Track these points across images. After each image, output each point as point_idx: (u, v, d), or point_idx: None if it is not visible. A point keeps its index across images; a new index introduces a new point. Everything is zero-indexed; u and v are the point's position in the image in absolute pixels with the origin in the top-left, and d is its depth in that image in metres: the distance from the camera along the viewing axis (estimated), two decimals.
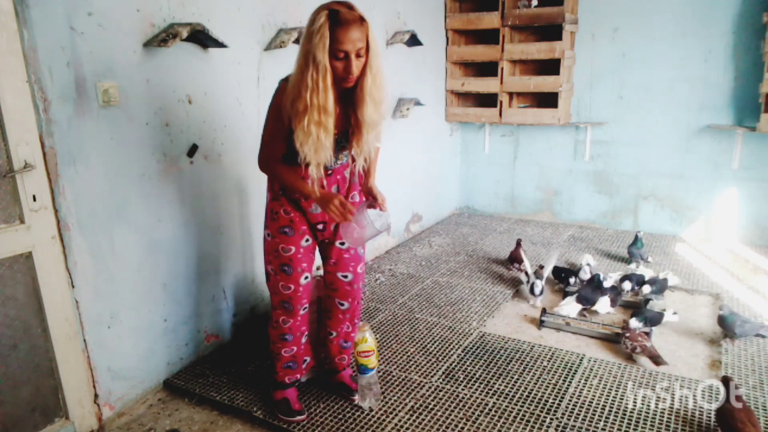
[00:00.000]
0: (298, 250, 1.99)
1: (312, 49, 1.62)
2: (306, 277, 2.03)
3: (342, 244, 2.08)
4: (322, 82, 1.64)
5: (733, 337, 2.56)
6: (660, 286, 3.06)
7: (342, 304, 2.16)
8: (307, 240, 2.01)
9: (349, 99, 1.81)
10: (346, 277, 2.13)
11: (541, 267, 3.19)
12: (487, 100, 4.49)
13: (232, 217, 2.70)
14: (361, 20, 1.66)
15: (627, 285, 3.04)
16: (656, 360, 2.39)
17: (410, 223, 4.39)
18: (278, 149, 1.85)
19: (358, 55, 1.67)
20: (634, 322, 2.61)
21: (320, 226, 2.02)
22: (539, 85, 4.15)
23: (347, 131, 1.88)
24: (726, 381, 1.93)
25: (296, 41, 2.86)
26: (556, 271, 3.32)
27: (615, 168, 4.34)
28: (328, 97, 1.68)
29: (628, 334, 2.50)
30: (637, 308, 2.88)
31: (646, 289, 3.02)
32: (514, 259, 3.44)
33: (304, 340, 2.16)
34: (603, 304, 2.90)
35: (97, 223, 2.10)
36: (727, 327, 2.56)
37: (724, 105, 3.84)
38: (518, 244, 3.48)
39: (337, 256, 2.09)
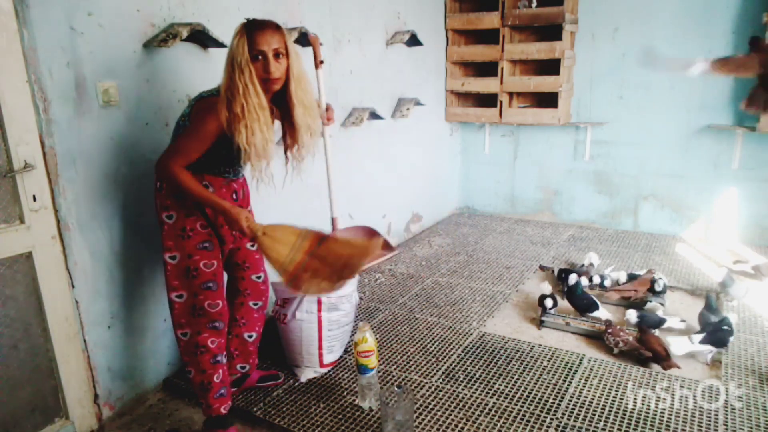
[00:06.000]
0: (219, 264, 1.97)
1: (234, 54, 1.74)
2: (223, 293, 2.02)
3: (252, 246, 2.10)
4: (250, 83, 1.73)
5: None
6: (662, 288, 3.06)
7: (256, 304, 2.18)
8: (222, 253, 2.01)
9: (281, 110, 1.91)
10: (259, 278, 2.16)
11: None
12: (487, 100, 4.49)
13: None
14: (276, 26, 1.79)
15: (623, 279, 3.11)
16: (641, 353, 2.42)
17: (410, 223, 4.39)
18: (193, 157, 1.82)
19: (276, 57, 1.77)
20: (630, 314, 2.64)
21: (234, 231, 1.99)
22: (539, 85, 4.15)
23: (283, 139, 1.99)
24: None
25: (296, 41, 2.87)
26: (559, 272, 3.31)
27: (615, 168, 4.34)
28: (260, 94, 1.75)
29: (610, 330, 2.52)
30: (635, 308, 2.88)
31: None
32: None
33: (225, 360, 2.06)
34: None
35: (97, 223, 2.10)
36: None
37: (724, 105, 3.84)
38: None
39: (251, 259, 2.11)
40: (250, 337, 2.23)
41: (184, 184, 1.80)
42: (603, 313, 2.79)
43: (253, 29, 1.74)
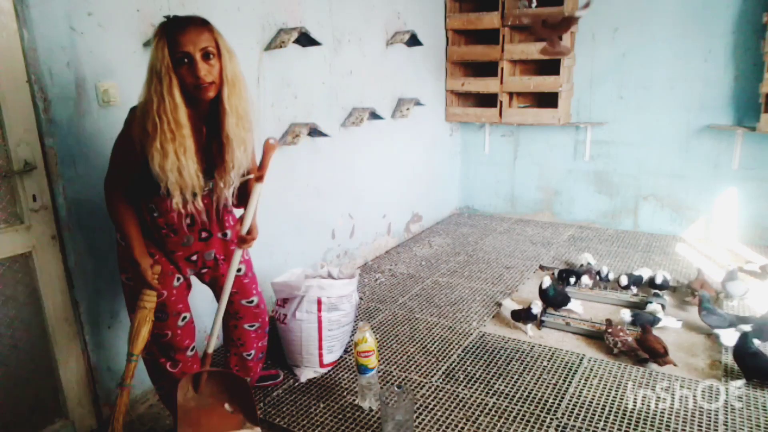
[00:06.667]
0: (170, 292, 1.81)
1: (153, 61, 1.49)
2: (184, 318, 1.88)
3: (238, 270, 1.91)
4: (167, 94, 1.48)
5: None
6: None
7: (252, 326, 2.09)
8: (178, 279, 1.84)
9: (212, 121, 1.64)
10: (251, 302, 2.06)
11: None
12: (487, 100, 4.49)
13: None
14: (202, 22, 1.56)
15: (623, 281, 3.10)
16: (638, 354, 2.43)
17: (410, 223, 4.39)
18: (123, 180, 1.66)
19: (206, 58, 1.53)
20: (625, 313, 2.66)
21: (194, 257, 1.84)
22: (539, 85, 4.15)
23: (213, 161, 1.69)
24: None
25: (296, 41, 2.87)
26: (559, 272, 3.31)
27: (615, 168, 4.34)
28: (178, 108, 1.50)
29: (610, 330, 2.53)
30: (635, 308, 2.88)
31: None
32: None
33: None
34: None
35: (97, 223, 2.10)
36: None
37: (724, 105, 3.84)
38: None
39: (237, 285, 1.95)
40: (249, 355, 2.16)
41: (111, 212, 1.70)
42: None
43: (173, 29, 1.49)
